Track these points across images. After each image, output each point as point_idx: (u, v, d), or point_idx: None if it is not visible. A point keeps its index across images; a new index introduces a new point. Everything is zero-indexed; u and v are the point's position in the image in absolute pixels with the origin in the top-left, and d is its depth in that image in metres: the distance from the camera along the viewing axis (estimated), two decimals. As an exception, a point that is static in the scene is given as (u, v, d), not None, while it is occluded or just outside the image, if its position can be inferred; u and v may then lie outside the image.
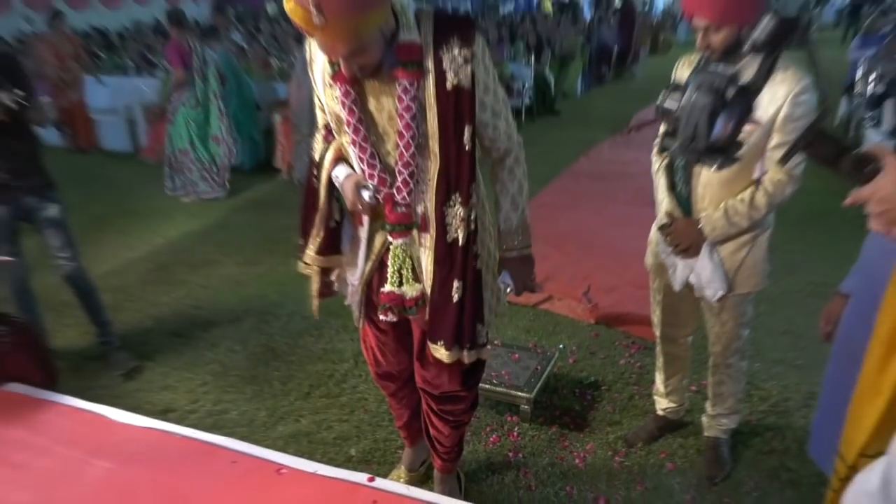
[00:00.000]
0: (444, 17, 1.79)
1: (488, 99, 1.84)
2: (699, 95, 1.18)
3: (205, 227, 5.82)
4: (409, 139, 1.78)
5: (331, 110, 1.90)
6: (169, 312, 4.23)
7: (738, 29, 2.09)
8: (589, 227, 5.36)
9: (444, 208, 1.85)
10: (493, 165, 2.03)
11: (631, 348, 3.63)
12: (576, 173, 7.10)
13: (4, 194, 3.24)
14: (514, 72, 9.92)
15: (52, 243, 3.38)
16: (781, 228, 2.44)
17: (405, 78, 1.73)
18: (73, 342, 3.83)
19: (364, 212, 1.94)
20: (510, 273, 2.06)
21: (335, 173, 1.95)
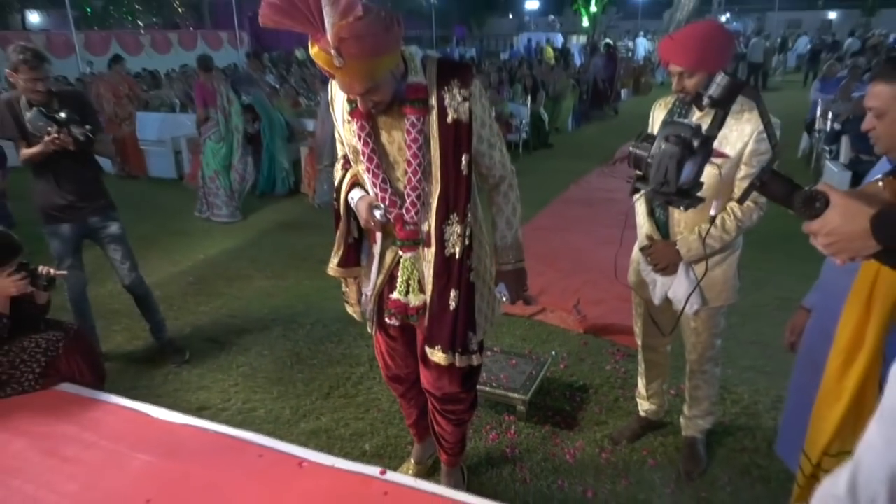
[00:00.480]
0: (446, 63, 1.85)
1: (485, 132, 1.89)
2: (668, 145, 1.19)
3: (239, 245, 5.81)
4: (417, 166, 1.84)
5: (349, 142, 1.94)
6: (206, 321, 4.21)
7: (709, 75, 2.10)
8: (579, 246, 5.33)
9: (444, 226, 1.88)
10: (490, 191, 2.05)
11: (616, 355, 3.59)
12: (567, 199, 7.08)
13: (72, 214, 3.31)
14: (512, 110, 9.95)
15: (115, 256, 3.44)
16: (750, 248, 2.42)
17: (413, 114, 1.80)
18: (120, 346, 3.82)
19: (376, 228, 1.96)
20: (506, 284, 2.08)
21: (351, 195, 1.98)
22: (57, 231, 3.32)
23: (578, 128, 12.47)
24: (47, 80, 3.10)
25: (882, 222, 1.02)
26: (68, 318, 3.77)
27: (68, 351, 2.85)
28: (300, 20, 1.54)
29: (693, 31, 2.13)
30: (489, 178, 2.02)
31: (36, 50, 3.09)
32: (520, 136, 9.74)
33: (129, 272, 3.47)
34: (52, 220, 3.30)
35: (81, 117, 3.18)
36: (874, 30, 27.26)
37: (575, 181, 7.84)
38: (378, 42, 1.58)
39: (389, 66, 1.69)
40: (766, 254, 4.80)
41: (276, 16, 1.54)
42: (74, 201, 3.26)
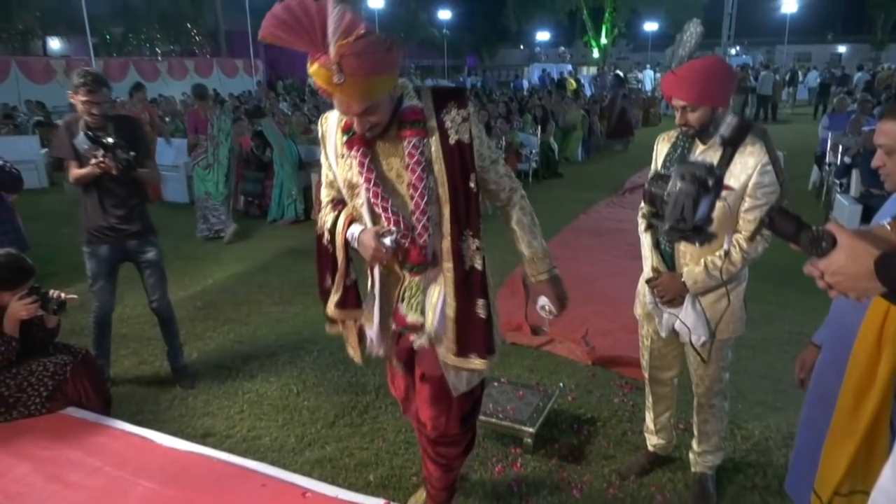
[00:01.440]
0: (440, 89, 1.90)
1: (485, 151, 1.92)
2: (684, 184, 1.22)
3: (249, 270, 5.84)
4: (422, 189, 1.83)
5: (343, 179, 1.93)
6: (213, 346, 4.21)
7: (711, 109, 2.15)
8: (587, 276, 5.32)
9: (460, 243, 1.89)
10: (504, 206, 2.05)
11: (624, 388, 3.55)
12: (576, 229, 7.08)
13: (112, 236, 3.38)
14: (522, 140, 10.03)
15: (149, 281, 3.53)
16: (760, 282, 2.40)
17: (412, 136, 1.81)
18: (127, 371, 3.82)
19: (385, 258, 1.91)
20: (546, 295, 2.05)
21: (350, 232, 1.94)
22: (95, 252, 3.40)
23: (588, 158, 12.53)
24: (103, 104, 3.21)
25: (886, 264, 1.03)
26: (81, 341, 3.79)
27: (76, 375, 2.86)
28: (302, 37, 1.56)
29: (695, 67, 2.17)
30: (500, 194, 2.02)
31: (96, 75, 3.19)
32: (529, 165, 9.80)
33: (159, 297, 3.57)
34: (93, 240, 3.39)
35: (132, 144, 3.29)
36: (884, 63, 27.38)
37: (584, 211, 7.85)
38: (378, 61, 1.61)
39: (388, 87, 1.72)
40: (775, 287, 4.77)
41: (278, 30, 1.56)
42: (116, 224, 3.35)
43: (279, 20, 1.57)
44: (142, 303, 4.56)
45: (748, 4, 29.08)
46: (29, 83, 19.40)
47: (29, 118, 13.73)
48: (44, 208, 8.39)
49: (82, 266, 3.45)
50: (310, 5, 1.56)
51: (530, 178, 9.76)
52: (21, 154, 9.65)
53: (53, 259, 5.77)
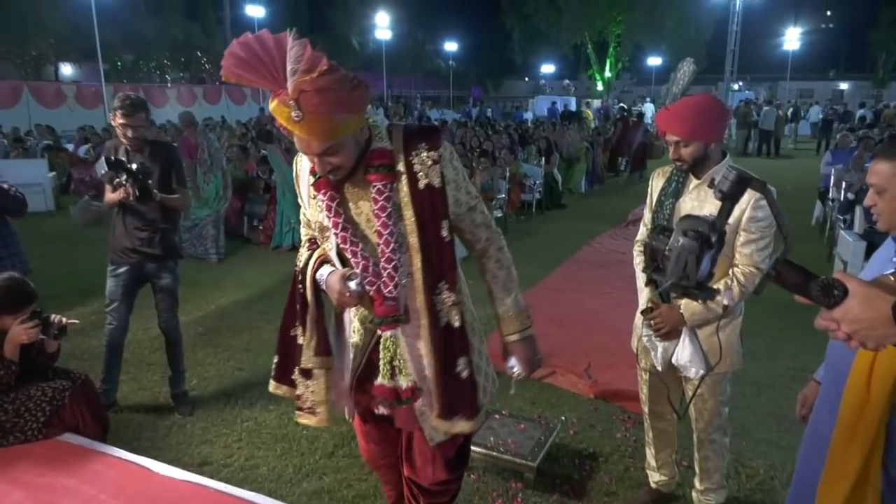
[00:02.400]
0: (412, 128, 1.80)
1: (461, 195, 1.81)
2: (687, 240, 1.22)
3: (251, 296, 5.84)
4: (388, 236, 1.73)
5: (315, 220, 1.86)
6: (213, 372, 4.19)
7: (704, 144, 2.20)
8: (590, 308, 5.30)
9: (433, 297, 1.77)
10: (479, 257, 1.93)
11: (627, 422, 3.51)
12: (579, 260, 7.08)
13: (132, 259, 3.44)
14: (526, 171, 10.10)
15: (161, 305, 3.57)
16: (762, 317, 2.41)
17: (378, 181, 1.71)
18: (126, 396, 3.80)
19: (351, 303, 1.81)
20: (516, 356, 1.94)
21: (320, 273, 1.86)
22: (115, 272, 3.46)
23: (591, 189, 12.59)
24: (140, 128, 3.28)
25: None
26: (81, 366, 3.78)
27: (74, 400, 2.84)
28: (263, 75, 1.51)
29: (689, 103, 2.25)
30: (475, 244, 1.91)
31: (135, 100, 3.27)
32: (533, 196, 9.85)
33: (168, 318, 3.61)
34: (116, 260, 3.46)
35: (165, 169, 3.39)
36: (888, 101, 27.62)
37: (587, 242, 7.86)
38: (340, 99, 1.53)
39: (352, 127, 1.62)
40: (779, 322, 4.74)
41: (239, 69, 1.51)
42: (139, 246, 3.41)
43: (238, 59, 1.51)
44: (143, 327, 4.57)
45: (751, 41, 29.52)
46: (40, 107, 19.73)
47: (38, 142, 13.89)
48: (48, 231, 8.43)
49: (84, 289, 3.47)
50: (268, 40, 1.50)
51: (534, 208, 9.81)
52: (29, 177, 9.75)
53: (55, 282, 5.78)
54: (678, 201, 2.35)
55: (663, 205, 2.38)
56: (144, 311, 3.89)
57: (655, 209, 2.43)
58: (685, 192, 2.35)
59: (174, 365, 3.70)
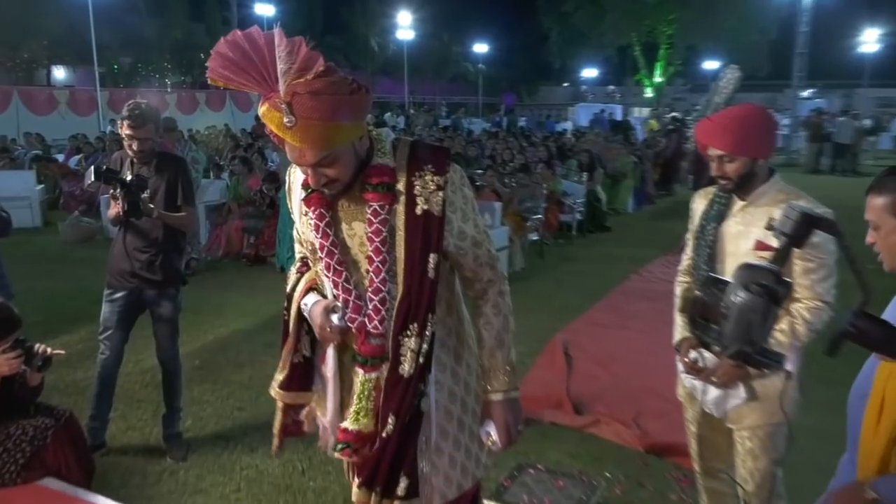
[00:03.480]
0: (420, 146, 1.81)
1: (468, 227, 1.79)
2: (750, 296, 1.14)
3: (253, 325, 5.87)
4: (379, 264, 1.74)
5: (305, 238, 1.89)
6: (210, 412, 4.20)
7: (751, 159, 2.19)
8: (638, 347, 5.22)
9: (400, 337, 1.75)
10: (476, 298, 1.91)
11: (682, 481, 3.42)
12: (626, 291, 7.01)
13: (130, 283, 3.50)
14: (566, 188, 10.08)
15: (160, 334, 3.63)
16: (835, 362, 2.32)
17: (375, 200, 1.72)
18: (113, 436, 3.81)
19: (332, 337, 1.81)
20: (495, 420, 1.85)
21: (305, 301, 1.87)
22: (112, 297, 3.53)
23: (640, 209, 12.52)
24: (147, 141, 3.37)
25: None
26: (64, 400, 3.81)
27: (57, 440, 2.86)
28: (253, 76, 1.51)
29: (733, 114, 2.24)
30: (475, 283, 1.88)
31: (145, 109, 3.35)
32: (573, 217, 9.82)
33: (167, 349, 3.66)
34: (113, 283, 3.53)
35: (171, 185, 3.47)
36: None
37: (636, 271, 7.80)
38: (337, 104, 1.53)
39: (350, 136, 1.62)
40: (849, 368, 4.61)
41: (226, 70, 1.52)
42: (138, 269, 3.47)
43: (225, 59, 1.52)
44: (134, 358, 4.61)
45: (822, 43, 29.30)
46: (29, 114, 20.33)
47: (26, 152, 14.26)
48: (34, 250, 8.61)
49: (72, 315, 3.53)
50: (258, 38, 1.50)
51: (574, 230, 9.78)
52: (15, 190, 10.03)
53: (40, 307, 5.88)
54: (721, 226, 2.34)
55: (705, 230, 2.38)
56: (136, 342, 3.92)
57: (697, 235, 2.43)
58: (729, 216, 2.34)
59: (169, 402, 3.72)
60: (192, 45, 28.76)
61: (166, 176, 3.48)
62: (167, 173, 3.49)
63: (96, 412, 3.57)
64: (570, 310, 6.13)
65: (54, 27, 23.72)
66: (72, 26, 22.97)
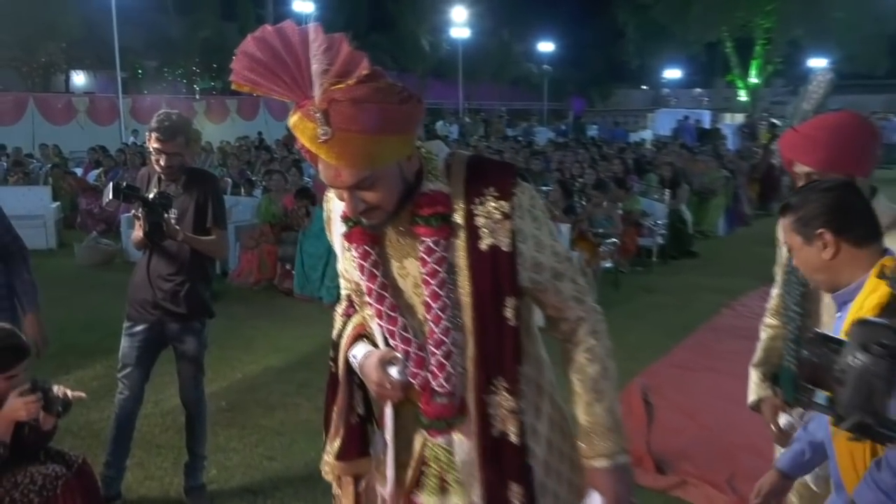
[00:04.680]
0: (479, 164, 1.73)
1: (544, 257, 1.72)
2: (872, 360, 1.11)
3: (287, 363, 5.94)
4: (439, 310, 1.67)
5: (350, 278, 1.85)
6: (237, 461, 4.25)
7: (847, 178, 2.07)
8: (732, 395, 5.05)
9: (485, 396, 1.70)
10: (564, 343, 1.82)
11: (787, 557, 3.30)
12: (716, 328, 6.89)
13: (154, 315, 3.56)
14: (644, 207, 9.98)
15: (183, 375, 3.70)
16: None
17: (429, 235, 1.66)
18: (129, 487, 3.87)
19: (394, 395, 1.74)
20: (602, 492, 1.75)
21: (353, 353, 1.82)
22: (132, 330, 3.61)
23: (732, 232, 12.28)
24: (175, 156, 3.47)
25: None
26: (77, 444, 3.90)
27: (68, 491, 2.93)
28: (285, 80, 1.48)
29: (824, 123, 2.16)
30: (560, 324, 1.80)
31: (177, 121, 3.45)
32: (654, 240, 9.69)
33: (191, 390, 3.74)
34: (133, 315, 3.62)
35: (201, 205, 3.55)
36: None
37: (727, 304, 7.67)
38: (382, 115, 1.47)
39: (395, 154, 1.56)
40: None
41: (253, 73, 1.50)
42: (161, 300, 3.54)
43: (252, 60, 1.49)
44: (154, 398, 4.71)
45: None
46: (46, 123, 21.19)
47: (41, 166, 14.77)
48: (47, 274, 8.84)
49: (87, 348, 3.61)
50: (291, 35, 1.47)
51: (654, 256, 9.67)
52: (29, 208, 10.37)
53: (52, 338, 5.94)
54: None
55: None
56: (157, 379, 4.00)
57: (787, 269, 2.37)
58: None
59: (193, 448, 3.79)
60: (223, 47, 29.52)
61: (195, 195, 3.55)
62: (197, 192, 3.56)
63: (112, 459, 3.64)
64: (649, 349, 6.02)
65: (73, 28, 24.52)
66: (92, 27, 23.81)
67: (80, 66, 28.52)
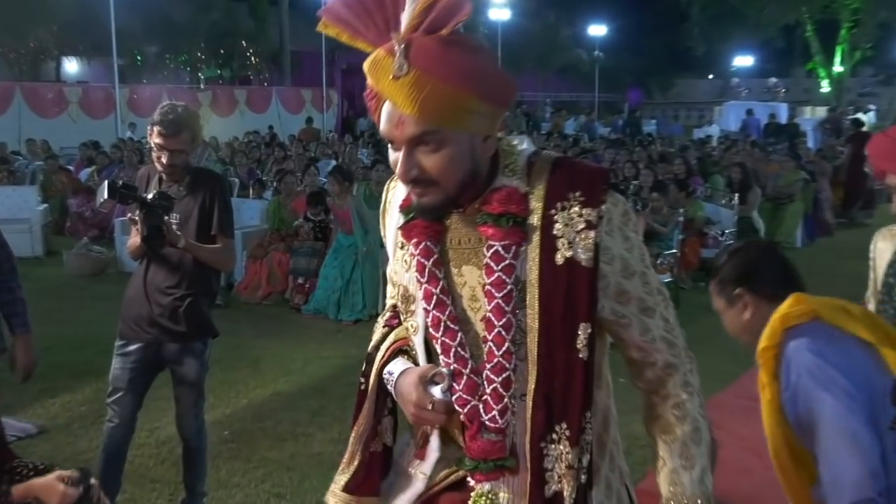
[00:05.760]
0: (568, 165, 1.66)
1: (632, 285, 1.64)
2: None
3: (298, 388, 5.95)
4: (503, 329, 1.59)
5: (398, 281, 1.78)
6: (241, 498, 4.27)
7: None
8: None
9: (543, 444, 1.60)
10: (649, 396, 1.75)
11: None
12: (793, 355, 6.76)
13: (151, 333, 3.57)
14: (709, 214, 9.88)
15: (182, 403, 3.71)
16: None
17: (498, 239, 1.58)
18: (121, 526, 3.92)
19: (434, 419, 1.66)
20: None
21: (389, 369, 1.75)
22: (124, 350, 3.61)
23: (812, 244, 12.13)
24: (180, 154, 3.49)
25: None
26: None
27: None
28: (377, 23, 1.48)
29: None
30: (644, 369, 1.71)
31: (181, 114, 3.47)
32: (720, 252, 9.61)
33: (191, 419, 3.75)
34: (126, 333, 3.63)
35: (206, 209, 3.55)
36: None
37: (805, 326, 7.51)
38: (471, 68, 1.47)
39: (473, 123, 1.51)
40: None
41: (344, 9, 1.51)
42: (157, 317, 3.54)
43: None
44: (149, 426, 4.75)
45: None
46: (34, 116, 21.44)
47: (29, 163, 14.94)
48: (33, 285, 8.91)
49: (76, 368, 3.65)
50: None
51: (720, 271, 9.54)
52: (14, 210, 10.54)
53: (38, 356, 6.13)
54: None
55: (893, 289, 2.30)
56: (150, 405, 4.03)
57: (882, 293, 2.35)
58: None
59: (191, 484, 3.81)
60: (232, 31, 29.86)
61: (200, 198, 3.55)
62: (202, 194, 3.56)
63: None
64: (713, 377, 5.93)
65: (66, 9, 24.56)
66: (86, 8, 24.01)
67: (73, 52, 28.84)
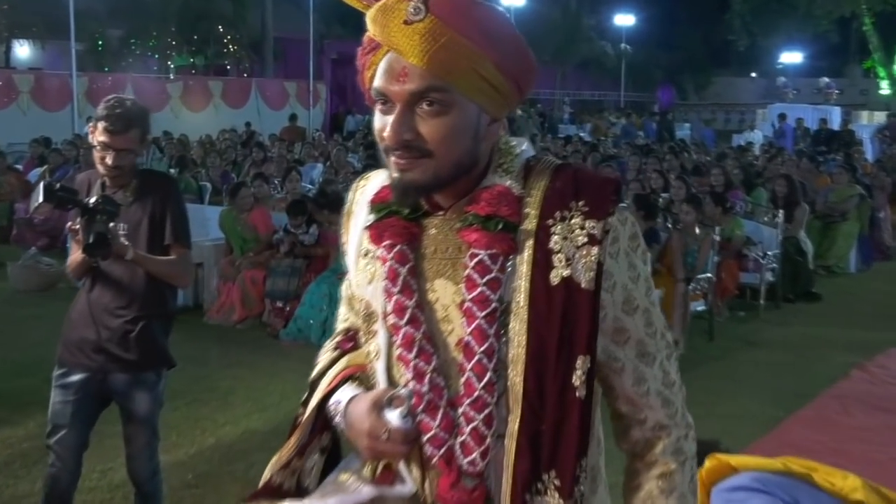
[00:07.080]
0: (570, 170, 1.62)
1: (632, 322, 1.60)
2: None
3: (275, 425, 5.91)
4: (483, 356, 1.52)
5: (359, 295, 1.73)
6: (205, 552, 4.25)
7: None
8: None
9: (527, 496, 1.53)
10: (632, 460, 1.70)
11: None
12: (843, 396, 6.80)
13: (96, 361, 3.52)
14: (750, 233, 9.88)
15: (133, 443, 3.67)
16: None
17: (483, 246, 1.53)
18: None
19: (393, 452, 1.59)
20: None
21: (336, 398, 1.70)
22: (65, 380, 3.56)
23: (868, 268, 12.16)
24: (127, 154, 3.44)
25: None
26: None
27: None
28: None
29: None
30: (632, 427, 1.67)
31: (129, 108, 3.43)
32: (762, 276, 9.59)
33: (143, 462, 3.69)
34: (65, 360, 3.58)
35: (157, 217, 3.53)
36: None
37: (860, 365, 7.55)
38: (495, 29, 1.52)
39: (485, 94, 1.51)
40: None
41: None
42: (105, 342, 3.48)
43: None
44: (100, 467, 4.74)
45: None
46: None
47: (-31, 164, 14.94)
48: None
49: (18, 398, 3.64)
50: None
51: (762, 298, 9.57)
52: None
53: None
54: None
55: None
56: (104, 441, 4.02)
57: None
58: None
59: None
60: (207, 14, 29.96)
61: (150, 204, 3.52)
62: (151, 200, 3.53)
63: None
64: (752, 421, 5.95)
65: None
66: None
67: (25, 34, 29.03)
